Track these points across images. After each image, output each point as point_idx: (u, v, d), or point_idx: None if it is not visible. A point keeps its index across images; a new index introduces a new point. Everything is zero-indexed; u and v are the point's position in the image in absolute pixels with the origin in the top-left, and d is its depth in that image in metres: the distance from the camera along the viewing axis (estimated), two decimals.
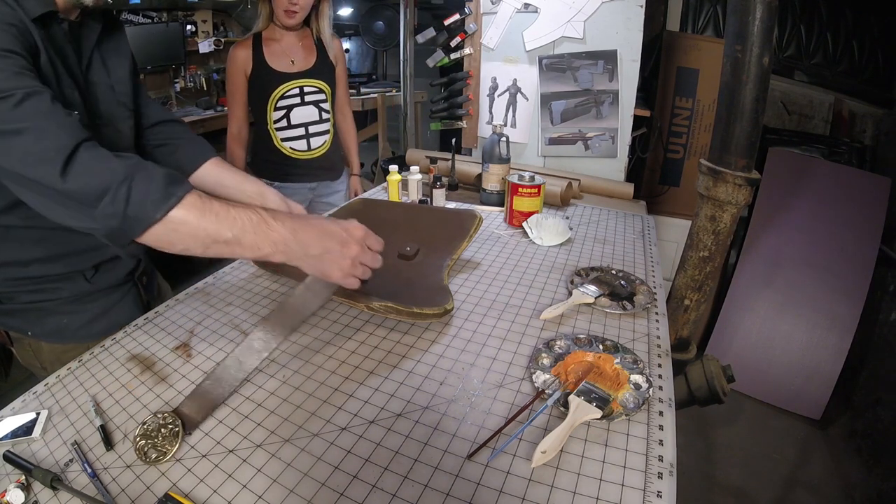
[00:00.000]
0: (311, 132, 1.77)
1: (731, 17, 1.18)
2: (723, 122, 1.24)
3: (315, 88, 1.73)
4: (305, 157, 1.79)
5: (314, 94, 1.74)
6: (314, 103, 1.75)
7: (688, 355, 1.45)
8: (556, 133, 1.91)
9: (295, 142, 1.77)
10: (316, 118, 1.76)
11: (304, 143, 1.77)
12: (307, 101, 1.73)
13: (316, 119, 1.76)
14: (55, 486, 0.62)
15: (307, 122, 1.75)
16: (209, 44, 3.50)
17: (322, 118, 1.78)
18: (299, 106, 1.73)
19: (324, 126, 1.79)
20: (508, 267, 1.21)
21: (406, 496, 0.61)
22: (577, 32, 1.76)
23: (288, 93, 1.71)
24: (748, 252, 2.37)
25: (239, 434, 0.71)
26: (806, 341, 2.18)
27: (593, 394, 0.72)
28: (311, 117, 1.75)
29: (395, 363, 0.85)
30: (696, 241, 1.33)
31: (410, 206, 1.40)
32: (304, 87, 1.71)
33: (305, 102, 1.73)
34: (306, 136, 1.76)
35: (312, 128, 1.77)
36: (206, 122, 3.20)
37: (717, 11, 2.66)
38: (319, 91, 1.74)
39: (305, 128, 1.75)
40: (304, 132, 1.76)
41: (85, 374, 0.85)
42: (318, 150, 1.79)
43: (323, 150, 1.80)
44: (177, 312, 1.03)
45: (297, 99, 1.72)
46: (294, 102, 1.72)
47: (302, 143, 1.77)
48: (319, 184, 1.88)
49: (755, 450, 1.99)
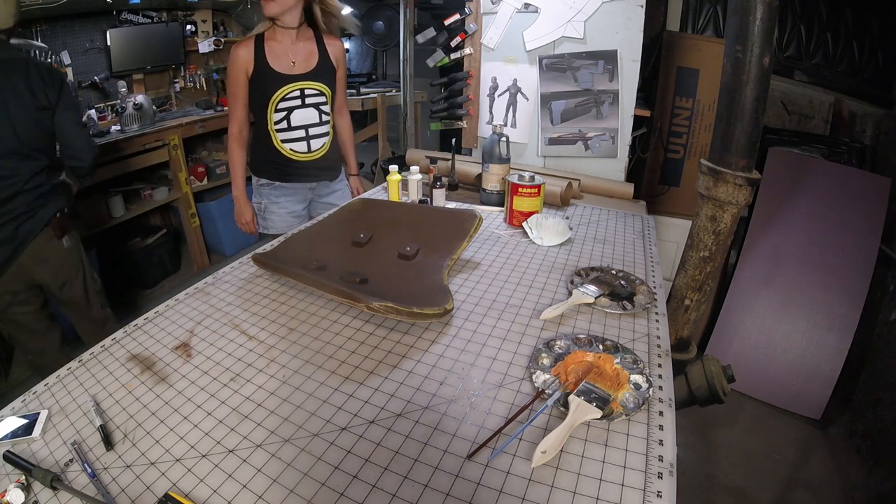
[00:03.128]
0: (312, 134, 1.77)
1: (732, 17, 1.18)
2: (723, 122, 1.24)
3: (316, 91, 1.73)
4: (305, 159, 1.79)
5: (315, 96, 1.73)
6: (314, 105, 1.74)
7: (688, 355, 1.45)
8: (556, 133, 1.91)
9: (295, 143, 1.76)
10: (316, 120, 1.76)
11: (305, 145, 1.76)
12: (308, 103, 1.73)
13: (316, 121, 1.76)
14: (55, 486, 0.62)
15: (307, 124, 1.75)
16: (209, 44, 3.49)
17: (322, 120, 1.78)
18: (300, 108, 1.72)
19: (324, 128, 1.79)
20: (508, 267, 1.21)
21: (406, 496, 0.61)
22: (577, 32, 1.76)
23: (289, 95, 1.70)
24: (748, 252, 2.37)
25: (239, 434, 0.71)
26: (806, 341, 2.18)
27: (593, 394, 0.72)
28: (311, 119, 1.75)
29: (395, 363, 0.85)
30: (697, 241, 1.33)
31: (410, 206, 1.40)
32: (304, 90, 1.71)
33: (306, 105, 1.73)
34: (306, 139, 1.76)
35: (312, 130, 1.76)
36: (206, 122, 3.20)
37: (717, 11, 2.66)
38: (320, 94, 1.74)
39: (306, 130, 1.75)
40: (305, 134, 1.75)
41: (85, 374, 0.85)
42: (318, 152, 1.79)
43: (322, 152, 1.80)
44: (177, 312, 1.03)
45: (297, 101, 1.71)
46: (295, 104, 1.72)
47: (302, 144, 1.76)
48: (319, 184, 1.88)
49: (755, 450, 1.99)
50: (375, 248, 1.22)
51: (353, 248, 1.23)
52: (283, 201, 1.84)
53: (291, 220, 1.86)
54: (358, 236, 1.24)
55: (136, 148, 2.77)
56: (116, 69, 3.02)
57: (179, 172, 3.03)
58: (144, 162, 2.85)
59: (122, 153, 2.69)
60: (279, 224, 1.85)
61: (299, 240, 1.33)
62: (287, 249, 1.26)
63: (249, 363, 0.86)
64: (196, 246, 3.26)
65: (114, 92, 2.97)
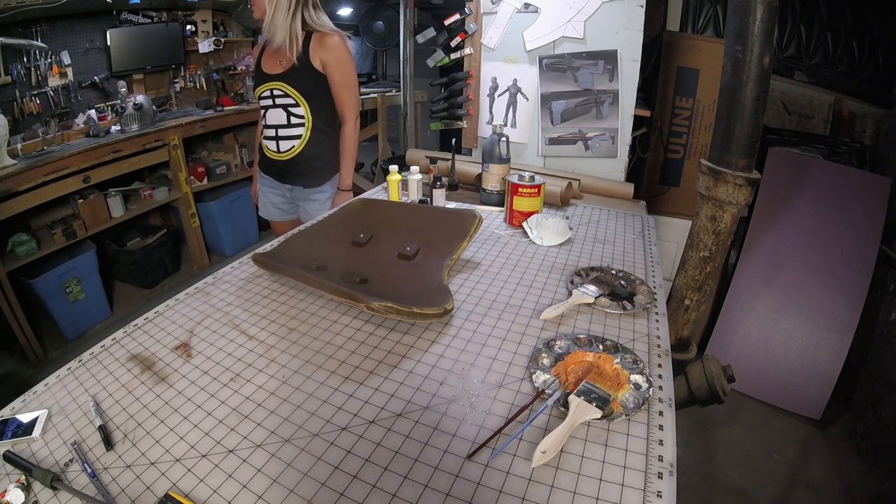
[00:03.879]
0: (280, 135, 1.79)
1: (732, 17, 1.18)
2: (723, 122, 1.24)
3: (282, 93, 1.73)
4: (276, 158, 1.82)
5: (282, 97, 1.74)
6: (283, 107, 1.75)
7: (688, 355, 1.45)
8: (556, 133, 1.91)
9: (268, 141, 1.82)
10: (284, 122, 1.76)
11: (275, 144, 1.80)
12: (277, 104, 1.75)
13: (284, 122, 1.77)
14: (55, 486, 0.62)
15: (276, 124, 1.78)
16: (209, 44, 3.49)
17: (291, 122, 1.76)
18: (272, 108, 1.76)
19: (293, 131, 1.77)
20: (508, 267, 1.21)
21: (406, 496, 0.61)
22: (577, 32, 1.76)
23: (264, 94, 1.75)
24: (748, 252, 2.37)
25: (239, 434, 0.71)
26: (806, 341, 2.18)
27: (593, 394, 0.72)
28: (279, 120, 1.77)
29: (395, 363, 0.85)
30: (697, 241, 1.33)
31: (410, 206, 1.40)
32: (273, 90, 1.74)
33: (276, 105, 1.75)
34: (276, 138, 1.80)
35: (281, 131, 1.78)
36: (206, 122, 3.20)
37: (717, 11, 2.66)
38: (287, 96, 1.73)
39: (276, 130, 1.78)
40: (275, 134, 1.79)
41: (85, 374, 0.85)
42: (286, 154, 1.80)
43: (290, 155, 1.79)
44: (177, 312, 1.03)
45: (269, 101, 1.76)
46: (268, 104, 1.76)
47: (273, 143, 1.81)
48: (294, 187, 1.88)
49: (755, 450, 1.99)
50: (375, 248, 1.22)
51: (353, 248, 1.23)
52: (266, 190, 1.95)
53: (272, 209, 1.97)
54: (358, 236, 1.24)
55: (136, 148, 2.77)
56: (116, 69, 3.02)
57: (179, 172, 3.03)
58: (144, 162, 2.85)
59: (122, 153, 2.70)
60: (262, 209, 2.00)
61: (299, 240, 1.33)
62: (287, 249, 1.26)
63: (249, 363, 0.86)
64: (196, 246, 3.27)
65: (114, 92, 2.97)
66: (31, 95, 2.67)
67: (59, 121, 2.75)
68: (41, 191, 2.36)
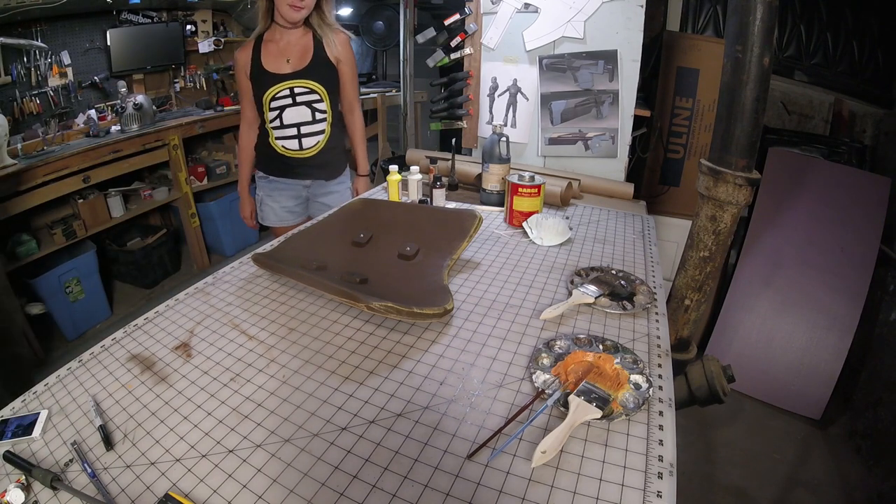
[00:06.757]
0: (304, 132, 1.77)
1: (732, 17, 1.18)
2: (723, 122, 1.24)
3: (306, 89, 1.72)
4: (298, 156, 1.80)
5: (305, 94, 1.73)
6: (307, 104, 1.74)
7: (688, 355, 1.45)
8: (556, 133, 1.91)
9: (287, 141, 1.78)
10: (309, 119, 1.76)
11: (296, 143, 1.78)
12: (299, 101, 1.73)
13: (309, 119, 1.76)
14: (55, 486, 0.62)
15: (299, 122, 1.76)
16: (209, 44, 3.49)
17: (316, 118, 1.77)
18: (291, 107, 1.74)
19: (318, 126, 1.78)
20: (508, 267, 1.21)
21: (406, 496, 0.61)
22: (577, 32, 1.76)
23: (279, 94, 1.72)
24: (748, 252, 2.37)
25: (239, 434, 0.71)
26: (806, 341, 2.18)
27: (593, 394, 0.72)
28: (303, 118, 1.75)
29: (395, 363, 0.85)
30: (697, 241, 1.33)
31: (410, 206, 1.40)
32: (294, 89, 1.72)
33: (297, 103, 1.73)
34: (298, 136, 1.77)
35: (305, 128, 1.77)
36: (206, 122, 3.20)
37: (717, 11, 2.65)
38: (312, 91, 1.73)
39: (297, 128, 1.76)
40: (297, 132, 1.77)
41: (85, 374, 0.85)
42: (311, 150, 1.79)
43: (316, 150, 1.80)
44: (177, 312, 1.03)
45: (288, 100, 1.73)
46: (286, 103, 1.73)
47: (294, 142, 1.78)
48: (314, 182, 1.88)
49: (755, 450, 1.99)
50: (375, 248, 1.22)
51: (353, 248, 1.23)
52: (277, 195, 1.89)
53: (284, 214, 1.92)
54: (358, 236, 1.24)
55: (136, 148, 2.77)
56: (116, 69, 3.02)
57: (179, 172, 3.03)
58: (144, 162, 2.85)
59: (121, 153, 2.69)
60: (271, 217, 1.93)
61: (299, 240, 1.32)
62: (287, 249, 1.26)
63: (249, 363, 0.86)
64: (196, 246, 3.27)
65: (114, 92, 2.97)
66: (31, 95, 2.67)
67: (59, 121, 2.75)
68: (41, 191, 2.36)
